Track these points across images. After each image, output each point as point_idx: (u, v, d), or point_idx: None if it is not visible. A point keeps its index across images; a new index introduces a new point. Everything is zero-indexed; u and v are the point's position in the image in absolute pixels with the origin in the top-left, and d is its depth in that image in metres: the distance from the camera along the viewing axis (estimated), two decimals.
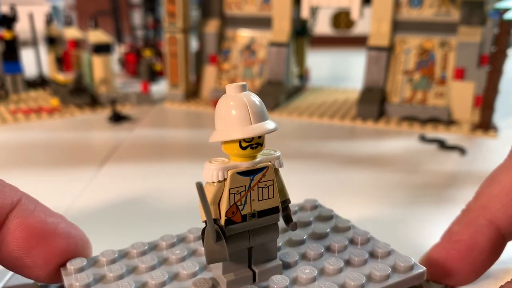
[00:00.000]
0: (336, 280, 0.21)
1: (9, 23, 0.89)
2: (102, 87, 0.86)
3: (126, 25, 1.52)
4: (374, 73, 0.77)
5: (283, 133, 0.68)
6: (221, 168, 0.19)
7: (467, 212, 0.25)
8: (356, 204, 0.44)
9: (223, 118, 0.19)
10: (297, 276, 0.21)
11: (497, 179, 0.24)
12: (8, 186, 0.23)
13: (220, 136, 0.19)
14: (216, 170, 0.19)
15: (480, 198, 0.25)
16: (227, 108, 0.19)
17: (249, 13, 0.87)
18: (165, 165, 0.56)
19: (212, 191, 0.20)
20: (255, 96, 0.20)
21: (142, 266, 0.22)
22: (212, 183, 0.19)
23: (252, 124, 0.19)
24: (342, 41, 1.76)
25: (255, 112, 0.19)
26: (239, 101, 0.19)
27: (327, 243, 0.24)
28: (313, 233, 0.25)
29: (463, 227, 0.24)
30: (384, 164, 0.56)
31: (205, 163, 0.20)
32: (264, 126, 0.19)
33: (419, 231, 0.39)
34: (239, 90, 0.19)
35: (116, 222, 0.40)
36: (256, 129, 0.19)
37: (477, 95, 0.72)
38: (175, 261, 0.23)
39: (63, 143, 0.65)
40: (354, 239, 0.24)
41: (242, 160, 0.20)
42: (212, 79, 0.89)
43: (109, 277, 0.22)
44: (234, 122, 0.19)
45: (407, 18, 0.77)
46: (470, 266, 0.24)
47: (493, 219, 0.23)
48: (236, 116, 0.19)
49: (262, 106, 0.19)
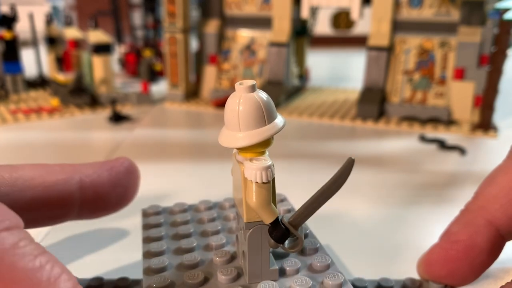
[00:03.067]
0: None
1: (9, 23, 0.89)
2: (102, 87, 0.86)
3: (126, 25, 1.52)
4: (374, 73, 0.77)
5: (283, 133, 0.68)
6: (268, 167, 0.19)
7: (466, 212, 0.25)
8: (356, 204, 0.44)
9: (242, 119, 0.19)
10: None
11: (495, 179, 0.24)
12: None
13: (251, 138, 0.19)
14: (265, 170, 0.19)
15: (478, 199, 0.25)
16: (226, 108, 0.19)
17: (249, 13, 0.87)
18: (165, 165, 0.56)
19: (269, 189, 0.19)
20: (264, 94, 0.19)
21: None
22: (267, 182, 0.19)
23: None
24: (342, 41, 1.76)
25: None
26: (235, 104, 0.19)
27: None
28: None
29: (462, 227, 0.24)
30: (384, 164, 0.56)
31: (249, 163, 0.19)
32: (279, 122, 0.20)
33: (419, 231, 0.39)
34: (243, 91, 0.19)
35: (116, 222, 0.40)
36: (276, 125, 0.19)
37: (477, 95, 0.72)
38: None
39: (63, 143, 0.65)
40: None
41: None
42: (212, 79, 0.89)
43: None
44: (253, 123, 0.19)
45: (407, 18, 0.77)
46: (469, 266, 0.24)
47: (492, 219, 0.23)
48: (255, 116, 0.19)
49: (265, 109, 0.19)
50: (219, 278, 0.21)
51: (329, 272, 0.21)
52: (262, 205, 0.19)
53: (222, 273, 0.21)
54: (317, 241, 0.23)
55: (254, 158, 0.19)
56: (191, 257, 0.22)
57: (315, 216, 0.21)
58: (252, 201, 0.19)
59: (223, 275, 0.21)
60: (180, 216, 0.27)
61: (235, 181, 0.21)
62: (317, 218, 0.33)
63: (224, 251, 0.23)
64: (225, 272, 0.21)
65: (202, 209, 0.28)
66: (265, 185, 0.19)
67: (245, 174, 0.19)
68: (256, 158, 0.19)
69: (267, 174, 0.18)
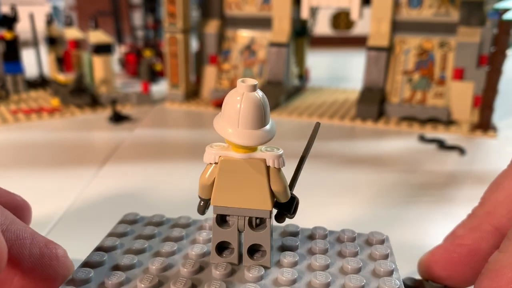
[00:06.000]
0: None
1: (9, 24, 0.89)
2: (103, 87, 0.86)
3: (126, 25, 1.52)
4: (373, 73, 0.77)
5: (283, 133, 0.68)
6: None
7: (472, 217, 0.25)
8: (356, 204, 0.45)
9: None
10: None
11: (502, 185, 0.24)
12: None
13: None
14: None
15: (485, 204, 0.25)
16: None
17: (249, 13, 0.88)
18: (165, 165, 0.56)
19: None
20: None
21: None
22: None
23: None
24: (341, 41, 1.76)
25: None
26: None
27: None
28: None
29: (468, 231, 0.24)
30: (383, 164, 0.56)
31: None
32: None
33: (418, 231, 0.39)
34: (245, 89, 0.19)
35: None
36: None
37: (476, 95, 0.72)
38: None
39: (64, 143, 0.65)
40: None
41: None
42: (212, 79, 0.89)
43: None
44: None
45: (407, 19, 0.77)
46: (471, 270, 0.24)
47: (499, 225, 0.23)
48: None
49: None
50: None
51: None
52: (286, 185, 0.21)
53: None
54: None
55: (215, 144, 0.21)
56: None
57: (315, 217, 0.21)
58: (281, 184, 0.21)
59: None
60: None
61: (235, 183, 0.21)
62: (317, 218, 0.33)
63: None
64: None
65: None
66: (281, 169, 0.21)
67: (269, 163, 0.20)
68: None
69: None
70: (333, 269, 0.22)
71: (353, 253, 0.23)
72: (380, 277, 0.21)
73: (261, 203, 0.21)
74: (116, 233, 0.25)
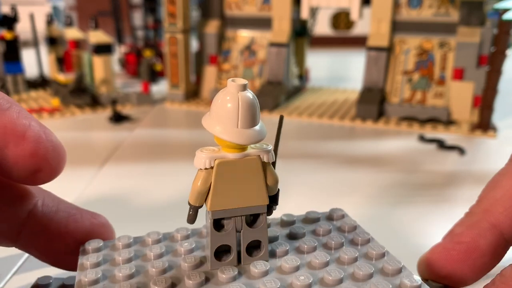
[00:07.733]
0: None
1: (10, 24, 0.90)
2: (103, 87, 0.86)
3: (126, 25, 1.52)
4: (373, 73, 0.77)
5: (283, 133, 0.68)
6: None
7: (470, 215, 0.25)
8: (355, 204, 0.45)
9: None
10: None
11: (499, 183, 0.25)
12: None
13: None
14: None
15: (483, 202, 0.25)
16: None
17: (249, 13, 0.88)
18: (165, 165, 0.56)
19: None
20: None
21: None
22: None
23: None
24: (341, 41, 1.76)
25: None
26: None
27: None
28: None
29: (466, 229, 0.24)
30: (383, 164, 0.56)
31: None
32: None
33: (418, 231, 0.39)
34: (238, 89, 0.19)
35: (116, 222, 0.40)
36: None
37: (476, 95, 0.72)
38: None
39: (64, 143, 0.64)
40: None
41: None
42: (212, 79, 0.90)
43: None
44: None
45: (407, 19, 0.77)
46: (470, 268, 0.24)
47: (496, 222, 0.24)
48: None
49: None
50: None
51: None
52: (278, 177, 0.22)
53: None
54: None
55: (205, 147, 0.21)
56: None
57: None
58: (275, 177, 0.21)
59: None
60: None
61: (232, 184, 0.21)
62: None
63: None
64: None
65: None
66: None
67: (264, 158, 0.21)
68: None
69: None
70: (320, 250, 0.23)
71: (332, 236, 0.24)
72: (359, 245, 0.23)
73: (259, 199, 0.21)
74: (87, 265, 0.22)
